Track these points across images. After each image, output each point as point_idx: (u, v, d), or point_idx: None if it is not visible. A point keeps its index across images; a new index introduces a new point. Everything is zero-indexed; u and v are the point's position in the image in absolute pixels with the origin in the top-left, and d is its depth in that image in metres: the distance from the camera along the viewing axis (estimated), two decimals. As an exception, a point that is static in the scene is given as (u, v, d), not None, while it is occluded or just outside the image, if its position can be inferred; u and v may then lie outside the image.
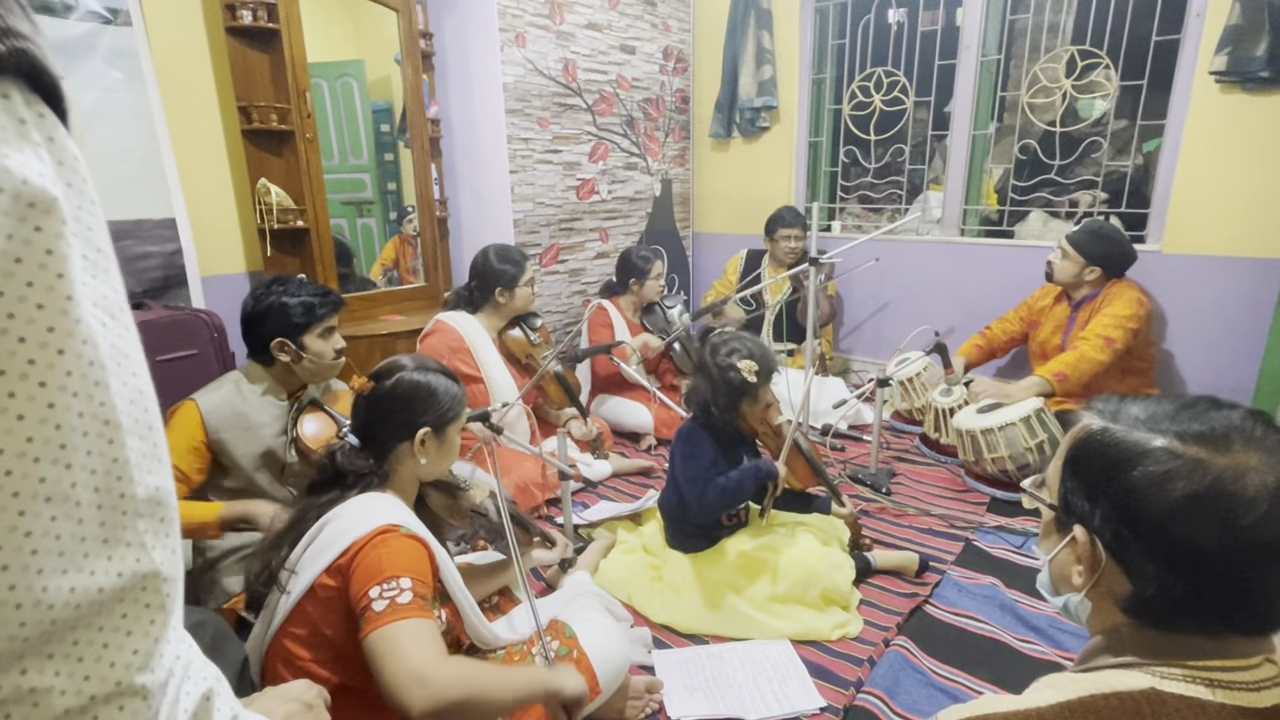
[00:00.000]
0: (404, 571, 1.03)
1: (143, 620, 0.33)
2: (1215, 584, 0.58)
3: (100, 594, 0.31)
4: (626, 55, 3.38)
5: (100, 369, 0.30)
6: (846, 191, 3.69)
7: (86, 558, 0.30)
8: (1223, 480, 0.57)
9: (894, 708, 1.42)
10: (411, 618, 0.98)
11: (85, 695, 0.31)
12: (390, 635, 0.96)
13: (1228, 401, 0.64)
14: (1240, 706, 0.56)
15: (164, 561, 0.34)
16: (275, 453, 1.68)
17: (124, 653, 0.32)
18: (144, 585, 0.33)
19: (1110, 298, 2.39)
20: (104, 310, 0.31)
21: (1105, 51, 2.76)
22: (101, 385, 0.30)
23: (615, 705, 1.39)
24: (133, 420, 0.32)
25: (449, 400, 1.26)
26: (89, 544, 0.30)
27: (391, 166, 3.24)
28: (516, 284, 2.42)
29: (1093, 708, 0.58)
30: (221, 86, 2.34)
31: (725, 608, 1.69)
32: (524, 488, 2.24)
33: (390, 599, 1.00)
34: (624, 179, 3.52)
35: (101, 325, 0.30)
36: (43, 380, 0.27)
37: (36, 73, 0.27)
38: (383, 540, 1.07)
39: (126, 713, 0.33)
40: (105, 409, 0.30)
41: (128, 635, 0.33)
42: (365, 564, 1.04)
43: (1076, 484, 0.66)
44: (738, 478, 1.70)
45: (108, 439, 0.31)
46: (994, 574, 1.88)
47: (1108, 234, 2.44)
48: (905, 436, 2.93)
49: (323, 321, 1.69)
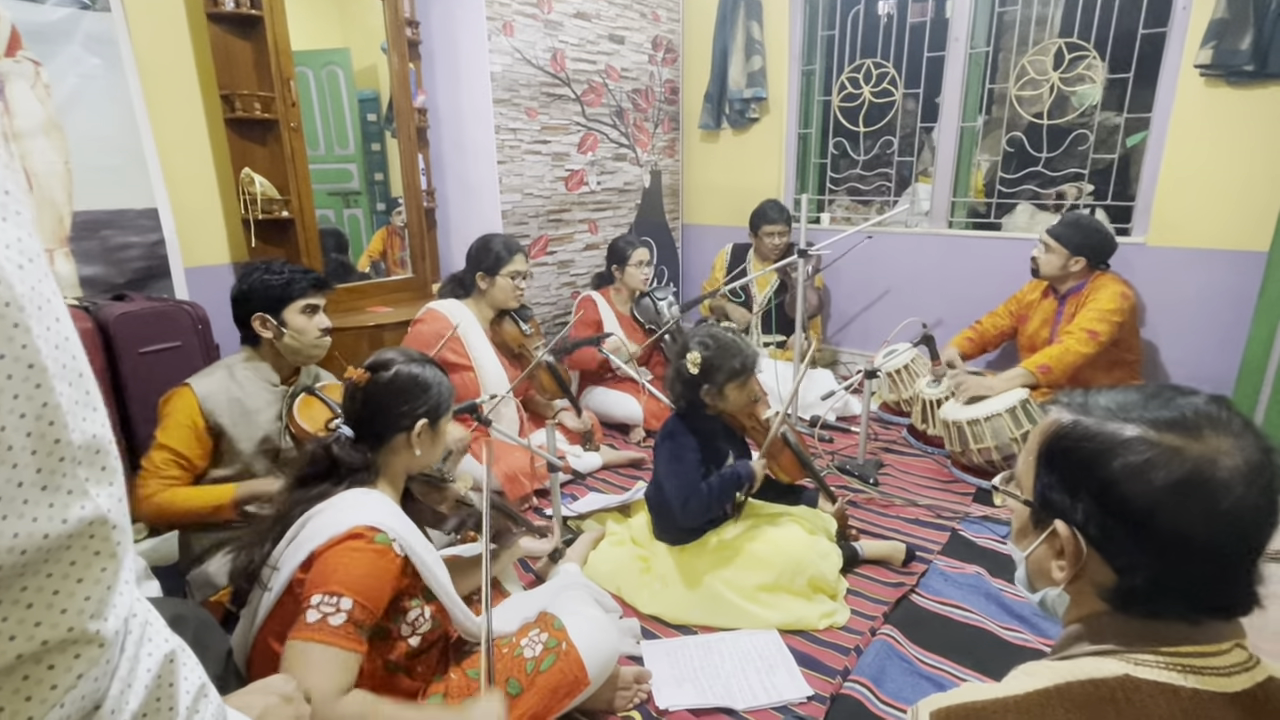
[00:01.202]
0: (351, 591, 1.02)
1: (93, 568, 0.33)
2: (1199, 568, 0.60)
3: (46, 540, 0.31)
4: (615, 45, 3.36)
5: (18, 310, 0.29)
6: (835, 183, 3.69)
7: (26, 504, 0.30)
8: (1200, 466, 0.58)
9: (880, 696, 1.43)
10: (330, 644, 0.98)
11: (37, 640, 0.31)
12: (301, 651, 0.97)
13: (1187, 388, 0.65)
14: (1212, 691, 0.57)
15: (111, 509, 0.34)
16: (272, 439, 1.68)
17: (75, 599, 0.32)
18: (92, 532, 0.33)
19: (1095, 290, 2.41)
20: (18, 253, 0.30)
21: (1093, 44, 2.77)
22: (22, 328, 0.29)
23: (604, 696, 1.39)
24: (60, 366, 0.32)
25: (443, 393, 1.28)
26: (27, 489, 0.30)
27: (378, 157, 3.21)
28: (498, 271, 2.39)
29: (1068, 694, 0.59)
30: (203, 74, 2.31)
31: (713, 598, 1.70)
32: (513, 477, 2.24)
33: (323, 615, 1.00)
34: (613, 170, 3.51)
35: (18, 268, 0.30)
36: None
37: None
38: (350, 547, 1.06)
39: (83, 660, 0.33)
40: (28, 352, 0.30)
41: (78, 582, 0.33)
42: (324, 565, 1.04)
43: (1054, 479, 0.67)
44: (719, 486, 1.71)
45: (34, 383, 0.30)
46: (979, 563, 1.90)
47: (1087, 223, 2.47)
48: (893, 427, 2.95)
49: (303, 296, 1.69)
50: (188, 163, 2.31)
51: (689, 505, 1.68)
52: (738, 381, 1.72)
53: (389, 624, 1.15)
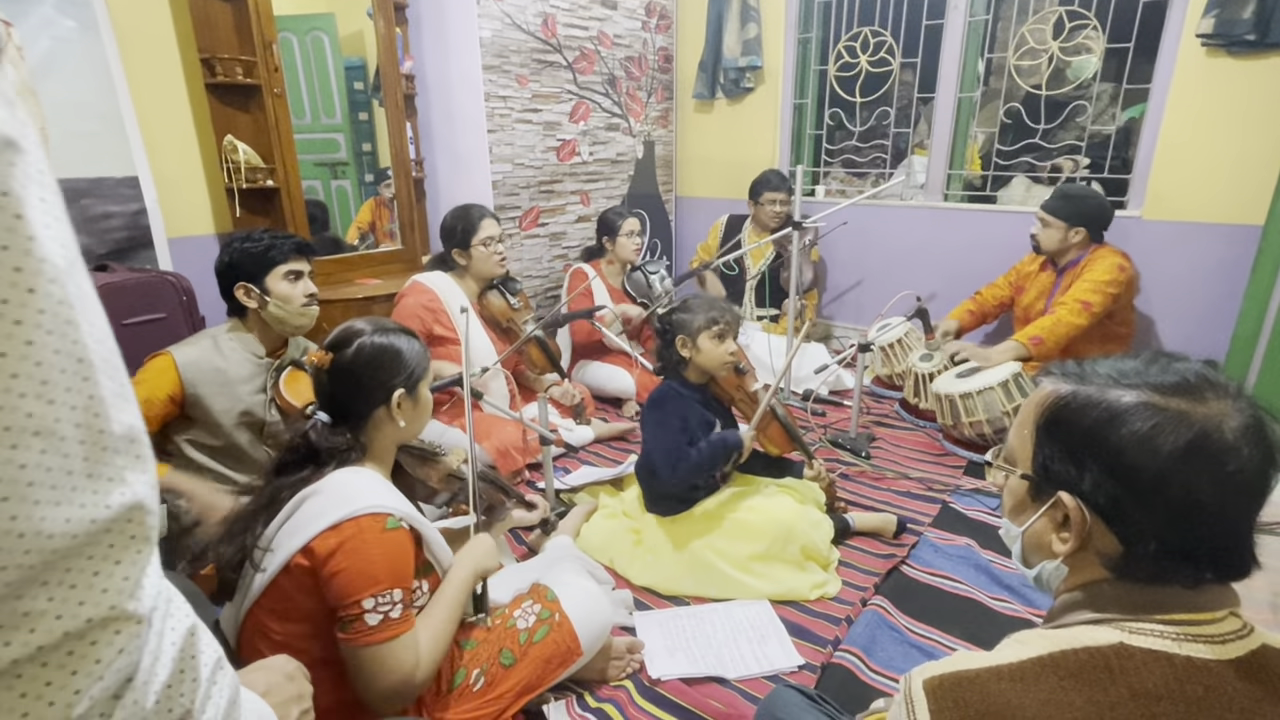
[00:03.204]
0: (395, 581, 1.05)
1: (129, 550, 0.35)
2: (1206, 531, 0.59)
3: (93, 525, 0.33)
4: (608, 10, 3.28)
5: (69, 308, 0.31)
6: (831, 155, 3.65)
7: (75, 490, 0.32)
8: (1207, 429, 0.58)
9: (870, 665, 1.45)
10: (402, 634, 1.05)
11: (81, 619, 0.33)
12: (386, 653, 1.03)
13: (1179, 354, 0.65)
14: (1206, 659, 0.57)
15: (145, 495, 0.36)
16: (254, 411, 1.66)
17: (115, 580, 0.35)
18: (129, 517, 0.35)
19: (1091, 262, 2.40)
20: (68, 252, 0.32)
21: (1093, 12, 2.72)
22: (72, 324, 0.31)
23: (597, 666, 1.40)
24: (102, 359, 0.34)
25: (415, 357, 1.23)
26: (75, 478, 0.32)
27: (366, 127, 3.14)
28: (470, 243, 2.34)
29: (1062, 662, 0.59)
30: (182, 36, 2.23)
31: (705, 569, 1.71)
32: (505, 451, 2.23)
33: (384, 614, 1.03)
34: (605, 140, 3.45)
35: (69, 264, 0.32)
36: (18, 319, 0.29)
37: None
38: (372, 541, 1.05)
39: (124, 636, 0.35)
40: (78, 347, 0.32)
41: (116, 564, 0.35)
42: (354, 564, 1.03)
43: (1056, 450, 0.66)
44: (709, 451, 1.71)
45: (82, 376, 0.32)
46: (970, 535, 1.91)
47: (1079, 193, 2.45)
48: (885, 401, 2.96)
49: (285, 262, 1.66)
50: (168, 129, 2.25)
51: (678, 469, 1.68)
52: (711, 332, 1.72)
53: None
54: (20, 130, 0.29)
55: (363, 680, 1.04)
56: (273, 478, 1.14)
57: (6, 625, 0.31)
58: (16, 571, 0.30)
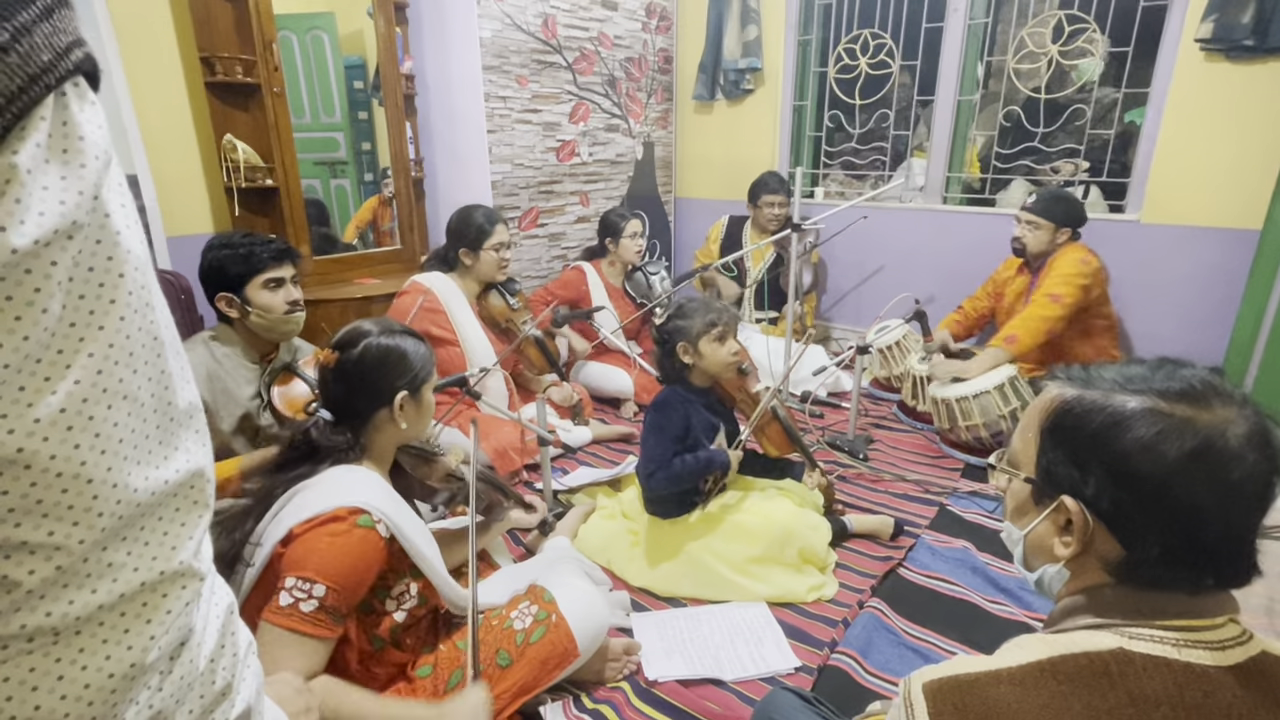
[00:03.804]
0: (325, 577, 1.01)
1: (193, 513, 0.39)
2: (1209, 538, 0.59)
3: (166, 486, 0.37)
4: (608, 11, 3.28)
5: (148, 292, 0.36)
6: (830, 157, 3.65)
7: (151, 454, 0.36)
8: (1211, 436, 0.58)
9: (867, 667, 1.45)
10: (297, 631, 0.99)
11: (155, 571, 0.37)
12: (270, 634, 0.99)
13: (1184, 360, 0.65)
14: (1205, 665, 0.57)
15: (206, 464, 0.40)
16: (251, 416, 1.65)
17: (181, 539, 0.38)
18: (192, 483, 0.39)
19: (1056, 259, 2.41)
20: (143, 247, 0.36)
21: (1093, 16, 2.73)
22: (150, 306, 0.36)
23: (594, 667, 1.40)
24: (170, 340, 0.38)
25: (420, 360, 1.23)
26: (151, 442, 0.36)
27: (366, 126, 3.14)
28: (481, 246, 2.34)
29: (1061, 667, 0.59)
30: (182, 35, 2.23)
31: (703, 571, 1.71)
32: (503, 452, 2.23)
33: (295, 600, 1.00)
34: (605, 141, 3.45)
35: (146, 258, 0.36)
36: (113, 298, 0.34)
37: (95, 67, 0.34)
38: (330, 531, 1.04)
39: (189, 591, 0.39)
40: (154, 326, 0.37)
41: (182, 525, 0.38)
42: (302, 546, 1.03)
43: (1060, 454, 0.66)
44: (692, 465, 1.70)
45: (156, 353, 0.37)
46: (967, 538, 1.91)
47: (1062, 194, 2.48)
48: (883, 403, 2.96)
49: (264, 271, 1.61)
50: (167, 127, 2.25)
51: (655, 477, 1.68)
52: (711, 334, 1.71)
53: (374, 600, 1.14)
54: (112, 148, 0.35)
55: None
56: (271, 474, 1.14)
57: (94, 573, 0.34)
58: (108, 520, 0.34)
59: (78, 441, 0.32)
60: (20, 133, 0.30)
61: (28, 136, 0.30)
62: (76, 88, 0.33)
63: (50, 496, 0.32)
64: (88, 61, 0.33)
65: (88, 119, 0.33)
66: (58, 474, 0.32)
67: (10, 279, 0.29)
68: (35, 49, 0.30)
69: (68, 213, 0.31)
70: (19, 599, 0.32)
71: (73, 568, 0.33)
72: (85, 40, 0.34)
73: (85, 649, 0.34)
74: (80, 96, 0.33)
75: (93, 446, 0.33)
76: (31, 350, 0.31)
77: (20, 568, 0.32)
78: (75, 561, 0.33)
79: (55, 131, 0.31)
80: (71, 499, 0.33)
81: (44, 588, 0.33)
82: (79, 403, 0.32)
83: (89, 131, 0.33)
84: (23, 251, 0.29)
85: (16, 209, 0.29)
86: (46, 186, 0.30)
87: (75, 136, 0.32)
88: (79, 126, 0.32)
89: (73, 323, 0.32)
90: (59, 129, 0.31)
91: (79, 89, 0.33)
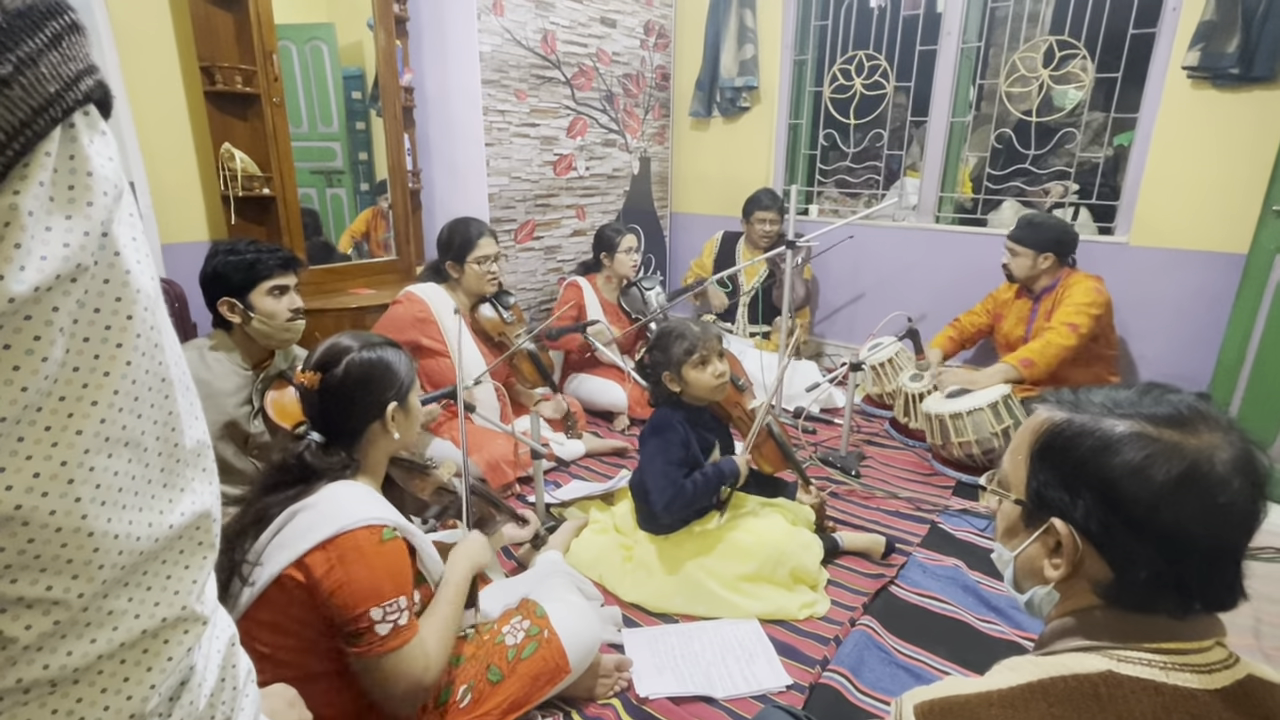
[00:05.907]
0: (399, 590, 1.07)
1: (197, 555, 0.38)
2: (1196, 562, 0.60)
3: (170, 530, 0.36)
4: (607, 29, 3.32)
5: (158, 333, 0.35)
6: (824, 175, 3.69)
7: (154, 499, 0.35)
8: (1198, 461, 0.59)
9: (858, 685, 1.45)
10: (411, 639, 1.08)
11: (158, 618, 0.36)
12: (399, 659, 1.06)
13: (1172, 385, 0.66)
14: (1193, 688, 0.58)
15: (212, 505, 0.39)
16: (239, 423, 1.64)
17: (184, 582, 0.37)
18: (198, 525, 0.38)
19: (1069, 287, 2.45)
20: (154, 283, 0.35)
21: (1083, 42, 2.78)
22: (159, 347, 0.35)
23: (585, 683, 1.39)
24: (179, 379, 0.37)
25: (403, 367, 1.22)
26: (154, 486, 0.35)
27: (363, 136, 3.15)
28: (465, 259, 2.34)
29: (1051, 689, 0.60)
30: (183, 45, 2.24)
31: (695, 587, 1.70)
32: (495, 465, 2.23)
33: (393, 623, 1.05)
34: (602, 155, 3.47)
35: (156, 295, 0.35)
36: (119, 342, 0.32)
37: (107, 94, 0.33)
38: (370, 553, 1.05)
39: (191, 635, 0.38)
40: (162, 368, 0.35)
41: (185, 568, 0.37)
42: (357, 578, 1.03)
43: (1050, 476, 0.67)
44: (703, 484, 1.70)
45: (164, 394, 0.36)
46: (958, 556, 1.92)
47: (1041, 220, 2.52)
48: (875, 420, 2.97)
49: (269, 278, 1.63)
50: (166, 136, 2.25)
51: (672, 505, 1.68)
52: (691, 361, 1.71)
53: None
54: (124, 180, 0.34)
55: (379, 688, 1.06)
56: (261, 495, 1.12)
57: (94, 623, 0.33)
58: (110, 571, 0.33)
59: (79, 495, 0.31)
60: (23, 170, 0.28)
61: (30, 175, 0.28)
62: (86, 117, 0.31)
63: (49, 551, 0.31)
64: (99, 89, 0.32)
65: (97, 151, 0.31)
66: (57, 529, 0.30)
67: (8, 327, 0.28)
68: (41, 80, 0.28)
69: (72, 255, 0.29)
70: (15, 654, 0.31)
71: (71, 620, 0.32)
72: (97, 66, 0.32)
73: (84, 699, 0.33)
74: (90, 127, 0.31)
75: (94, 499, 0.32)
76: (31, 400, 0.29)
77: (16, 623, 0.30)
78: (74, 614, 0.32)
79: (61, 167, 0.29)
80: (71, 553, 0.31)
81: (40, 641, 0.31)
82: (81, 454, 0.31)
83: (98, 165, 0.31)
84: (22, 299, 0.28)
85: (16, 254, 0.27)
86: (50, 228, 0.29)
87: (83, 172, 0.30)
88: (88, 160, 0.31)
89: (76, 367, 0.31)
90: (65, 164, 0.29)
91: (89, 118, 0.31)
